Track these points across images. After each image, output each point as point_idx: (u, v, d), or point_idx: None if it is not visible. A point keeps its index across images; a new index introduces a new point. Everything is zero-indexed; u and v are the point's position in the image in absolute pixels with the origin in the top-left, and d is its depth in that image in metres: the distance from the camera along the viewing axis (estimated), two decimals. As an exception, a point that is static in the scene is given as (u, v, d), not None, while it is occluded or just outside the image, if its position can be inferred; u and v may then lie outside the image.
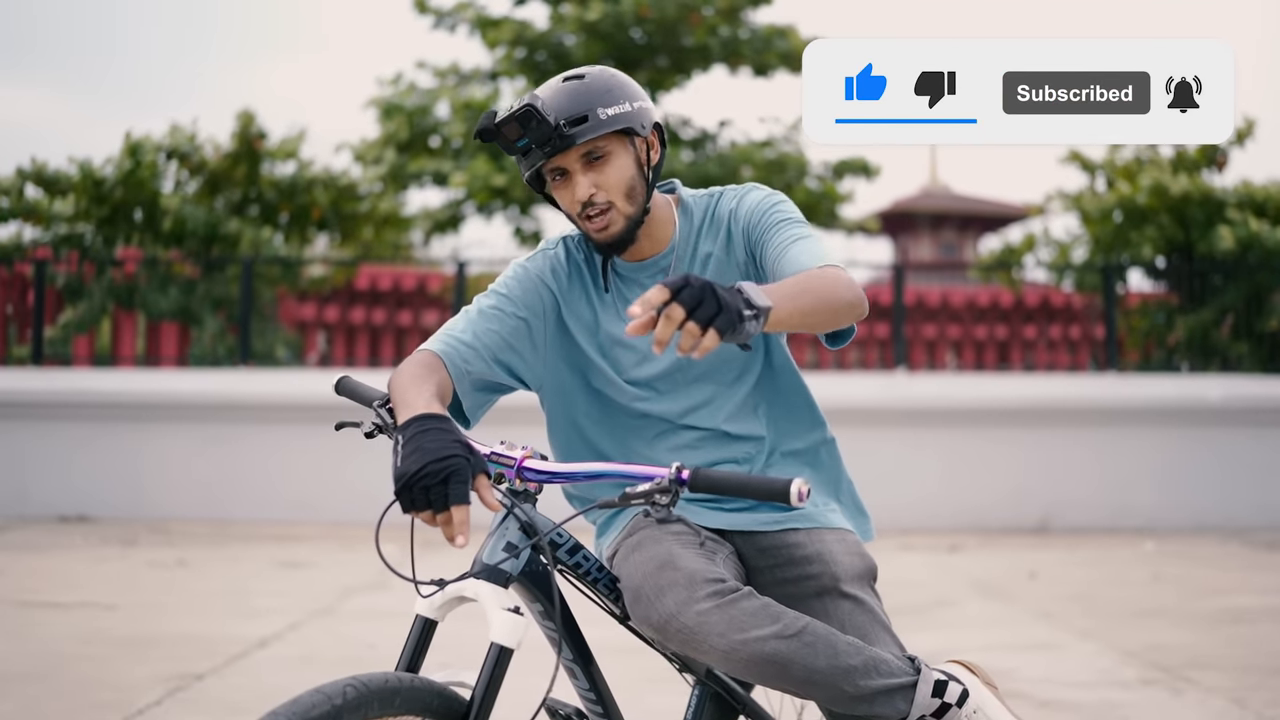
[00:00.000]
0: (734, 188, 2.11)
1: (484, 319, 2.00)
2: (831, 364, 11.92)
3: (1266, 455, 9.54)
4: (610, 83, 1.96)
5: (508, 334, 2.00)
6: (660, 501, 1.64)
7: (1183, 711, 3.76)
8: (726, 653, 1.80)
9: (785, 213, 2.01)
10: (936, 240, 34.70)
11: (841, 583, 2.04)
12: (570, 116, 1.90)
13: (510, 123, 1.88)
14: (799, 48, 14.95)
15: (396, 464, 1.61)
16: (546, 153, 1.91)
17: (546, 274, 2.07)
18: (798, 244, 1.95)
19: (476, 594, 1.69)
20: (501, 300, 2.03)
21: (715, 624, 1.80)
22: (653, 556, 1.90)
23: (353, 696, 1.49)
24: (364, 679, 1.52)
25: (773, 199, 2.04)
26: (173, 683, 3.96)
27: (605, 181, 1.94)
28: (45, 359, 10.01)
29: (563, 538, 1.87)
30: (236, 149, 10.98)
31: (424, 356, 1.94)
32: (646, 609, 1.85)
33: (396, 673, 1.59)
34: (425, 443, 1.61)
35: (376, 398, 1.88)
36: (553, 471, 1.74)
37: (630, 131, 1.95)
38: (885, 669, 1.89)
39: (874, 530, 2.25)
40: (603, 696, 1.95)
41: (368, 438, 1.83)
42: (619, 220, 1.96)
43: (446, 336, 1.98)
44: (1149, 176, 10.61)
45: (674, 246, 2.05)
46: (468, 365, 1.96)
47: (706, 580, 1.84)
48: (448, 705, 1.62)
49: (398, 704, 1.54)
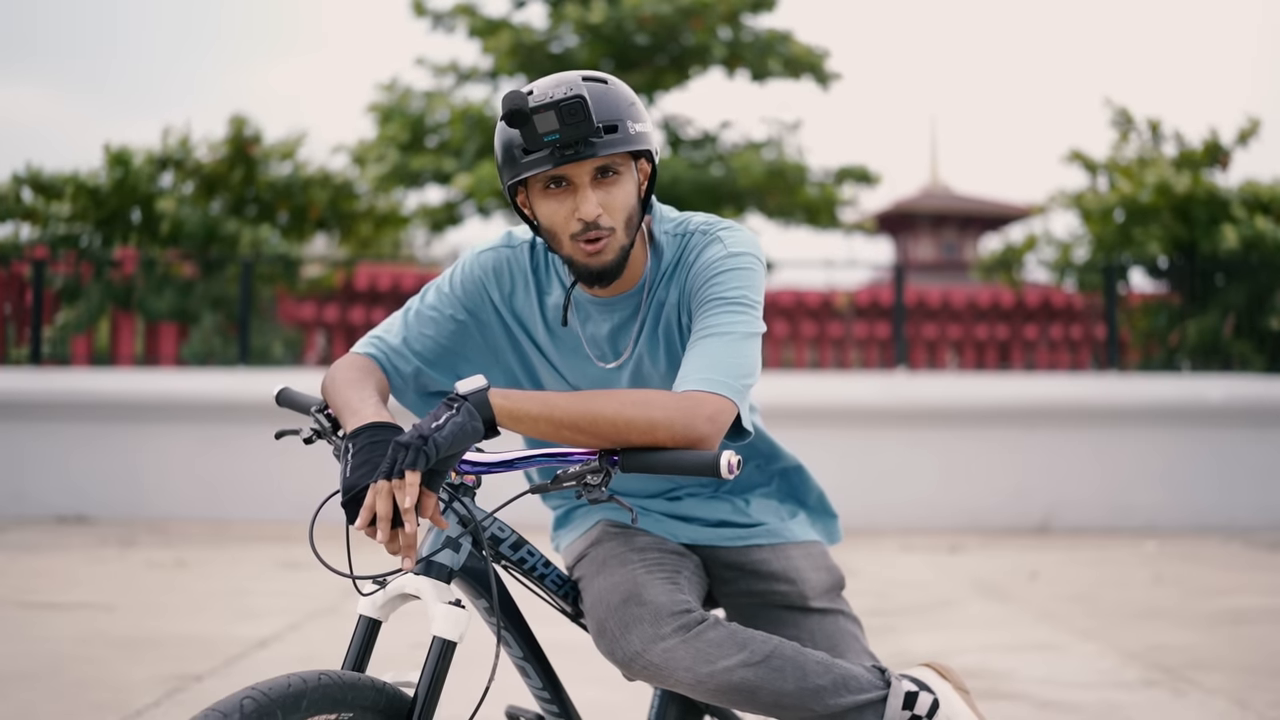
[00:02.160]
0: (702, 230, 1.89)
1: (419, 322, 1.93)
2: (831, 364, 11.91)
3: (1268, 455, 9.53)
4: (632, 96, 1.78)
5: (445, 338, 1.93)
6: (592, 482, 1.62)
7: (1184, 712, 3.75)
8: (694, 685, 1.79)
9: (724, 286, 1.79)
10: (937, 240, 34.71)
11: (810, 599, 2.04)
12: (605, 122, 1.71)
13: (549, 111, 1.67)
14: (798, 54, 14.97)
15: (345, 473, 1.59)
16: (568, 156, 1.69)
17: (490, 278, 1.93)
18: (705, 342, 1.75)
19: (418, 589, 1.67)
20: (441, 300, 1.93)
21: (682, 658, 1.78)
22: (617, 585, 1.87)
23: (251, 709, 1.42)
24: (304, 675, 1.48)
25: (724, 264, 1.81)
26: (171, 683, 3.94)
27: (612, 203, 1.75)
28: (43, 359, 10.00)
29: (505, 533, 1.84)
30: (230, 153, 10.97)
31: (357, 359, 1.89)
32: (611, 644, 1.83)
33: (302, 673, 1.50)
34: (376, 455, 1.58)
35: (314, 404, 1.83)
36: (488, 462, 1.70)
37: (642, 154, 1.80)
38: (855, 685, 1.86)
39: (841, 531, 2.22)
40: (558, 694, 1.93)
41: (306, 443, 1.78)
42: (615, 248, 1.77)
43: (378, 340, 1.93)
44: (1153, 174, 10.59)
45: (644, 284, 1.89)
46: (400, 372, 1.91)
47: (672, 614, 1.81)
48: (392, 703, 1.59)
49: (305, 707, 1.47)
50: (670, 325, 1.90)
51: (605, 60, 14.73)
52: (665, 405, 1.64)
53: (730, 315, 1.77)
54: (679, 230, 1.91)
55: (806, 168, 15.06)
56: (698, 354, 1.74)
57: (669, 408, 1.64)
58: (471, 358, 1.96)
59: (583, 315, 1.92)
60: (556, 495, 2.13)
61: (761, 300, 1.83)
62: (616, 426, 1.62)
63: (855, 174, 15.56)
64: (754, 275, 1.82)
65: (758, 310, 1.81)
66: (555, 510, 2.16)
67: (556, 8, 15.06)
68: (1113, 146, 11.62)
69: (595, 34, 14.58)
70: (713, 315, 1.78)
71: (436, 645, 1.64)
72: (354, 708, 1.53)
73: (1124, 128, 11.53)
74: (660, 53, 15.04)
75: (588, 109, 1.66)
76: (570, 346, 1.93)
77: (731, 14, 14.63)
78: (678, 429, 1.63)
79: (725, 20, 14.63)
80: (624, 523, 2.02)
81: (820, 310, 11.94)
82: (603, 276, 1.79)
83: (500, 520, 1.81)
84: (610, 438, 1.62)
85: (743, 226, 1.90)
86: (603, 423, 1.62)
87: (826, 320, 11.98)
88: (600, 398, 1.65)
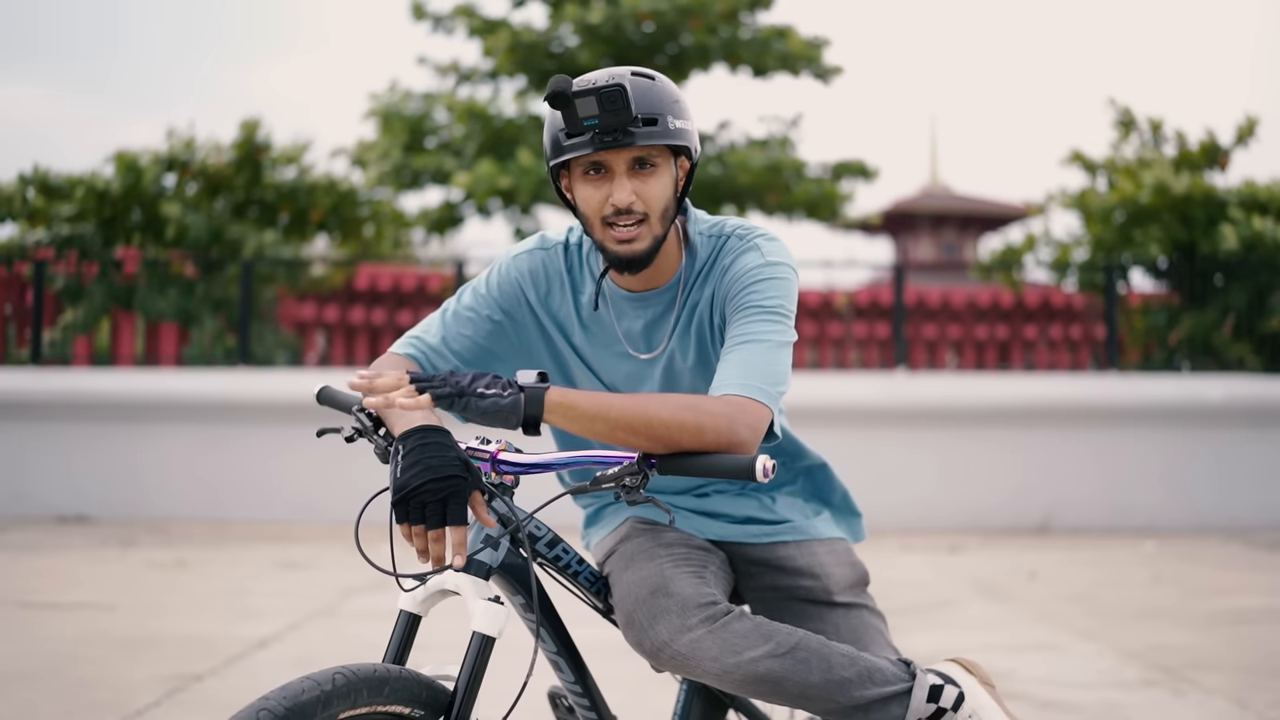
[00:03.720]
0: (739, 235, 1.94)
1: (457, 322, 1.97)
2: (831, 364, 11.91)
3: (1267, 455, 9.53)
4: (678, 94, 1.84)
5: (482, 338, 1.97)
6: (630, 484, 1.65)
7: (1184, 712, 3.75)
8: (720, 675, 1.81)
9: (761, 295, 1.85)
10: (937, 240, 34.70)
11: (834, 594, 2.07)
12: (645, 114, 1.78)
13: (590, 96, 1.74)
14: (797, 50, 14.97)
15: (396, 474, 1.62)
16: (607, 143, 1.76)
17: (526, 280, 1.98)
18: (742, 349, 1.80)
19: (457, 586, 1.72)
20: (478, 301, 1.98)
21: (709, 649, 1.80)
22: (645, 579, 1.90)
23: (341, 684, 1.51)
24: (353, 668, 1.55)
25: (761, 272, 1.87)
26: (171, 683, 3.95)
27: (648, 193, 1.81)
28: (44, 359, 10.00)
29: (541, 531, 1.88)
30: (239, 156, 10.97)
31: (398, 359, 1.94)
32: (639, 635, 1.86)
33: (384, 663, 1.61)
34: (427, 457, 1.61)
35: (355, 402, 1.85)
36: (527, 463, 1.74)
37: (681, 150, 1.85)
38: (880, 677, 1.88)
39: (865, 529, 2.26)
40: (589, 690, 1.96)
41: (348, 442, 1.81)
42: (647, 237, 1.83)
43: (417, 340, 1.97)
44: (1153, 175, 10.60)
45: (678, 281, 1.94)
46: (437, 371, 1.94)
47: (699, 605, 1.84)
48: (434, 696, 1.64)
49: (386, 693, 1.56)
50: (703, 324, 1.94)
51: (605, 60, 14.73)
52: (713, 410, 1.70)
53: (767, 324, 1.83)
54: (714, 232, 1.96)
55: (804, 164, 15.06)
56: (736, 360, 1.79)
57: (716, 413, 1.69)
58: (506, 357, 2.00)
59: (617, 310, 1.96)
60: (590, 494, 2.16)
61: (794, 310, 1.89)
62: (670, 429, 1.66)
63: (853, 169, 15.55)
64: (789, 285, 1.88)
65: (791, 320, 1.86)
66: (585, 509, 2.19)
67: (556, 8, 15.06)
68: (1112, 147, 11.62)
69: (594, 34, 14.59)
70: (750, 323, 1.83)
71: (476, 640, 1.68)
72: (399, 700, 1.59)
73: (1126, 127, 11.53)
74: (659, 52, 15.05)
75: (627, 98, 1.73)
76: (604, 342, 1.98)
77: (730, 12, 14.64)
78: (723, 433, 1.68)
79: (724, 19, 14.64)
80: (652, 519, 2.06)
81: (820, 310, 11.95)
82: (633, 264, 1.85)
83: (537, 519, 1.84)
84: (662, 439, 1.66)
85: (777, 235, 1.94)
86: (657, 424, 1.66)
87: (826, 320, 11.99)
88: (654, 400, 1.69)
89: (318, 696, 1.49)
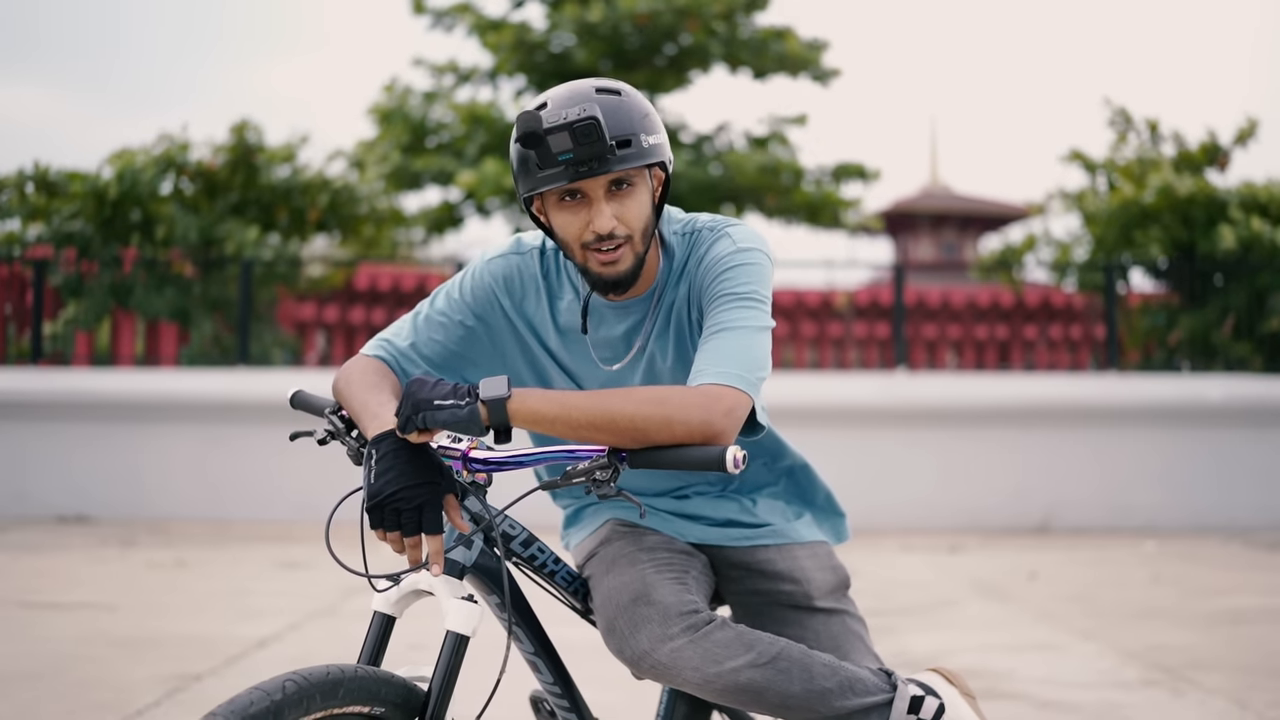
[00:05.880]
0: (710, 227, 1.91)
1: (429, 327, 1.94)
2: (831, 364, 11.92)
3: (1267, 455, 9.53)
4: (646, 107, 1.79)
5: (454, 344, 1.94)
6: (600, 478, 1.63)
7: (1184, 712, 3.75)
8: (701, 685, 1.80)
9: (735, 281, 1.82)
10: (937, 240, 34.71)
11: (815, 599, 2.06)
12: (618, 138, 1.72)
13: (563, 132, 1.68)
14: (796, 52, 14.98)
15: (370, 479, 1.62)
16: (583, 173, 1.71)
17: (500, 285, 1.94)
18: (718, 337, 1.76)
19: (431, 586, 1.72)
20: (451, 305, 1.95)
21: (690, 659, 1.79)
22: (626, 585, 1.89)
23: (292, 691, 1.50)
24: (304, 673, 1.53)
25: (733, 259, 1.84)
26: (171, 683, 3.95)
27: (628, 215, 1.77)
28: (45, 357, 10.00)
29: (516, 530, 1.87)
30: (232, 158, 10.96)
31: (369, 362, 1.91)
32: (620, 643, 1.85)
33: (338, 665, 1.58)
34: (401, 462, 1.61)
35: (327, 405, 1.85)
36: (498, 460, 1.72)
37: (656, 164, 1.80)
38: (860, 688, 1.87)
39: (849, 530, 2.24)
40: (569, 691, 1.95)
41: (320, 444, 1.81)
42: (629, 257, 1.80)
43: (386, 344, 1.94)
44: (1156, 177, 10.61)
45: (656, 288, 1.91)
46: (407, 375, 1.92)
47: (680, 614, 1.83)
48: (404, 695, 1.64)
49: (341, 695, 1.55)
50: (681, 321, 1.92)
51: (603, 60, 14.74)
52: (682, 401, 1.66)
53: (741, 310, 1.79)
54: (687, 229, 1.93)
55: (802, 166, 15.06)
56: (711, 349, 1.75)
57: (686, 404, 1.65)
58: (479, 362, 1.97)
59: (596, 319, 1.93)
60: (566, 494, 2.15)
61: (770, 295, 1.85)
62: (634, 422, 1.63)
63: (852, 171, 15.55)
64: (763, 270, 1.84)
65: (767, 305, 1.83)
66: (565, 509, 2.18)
67: (555, 8, 15.06)
68: (1111, 147, 11.63)
69: (592, 34, 14.59)
70: (724, 310, 1.79)
71: (450, 640, 1.68)
72: (356, 700, 1.58)
73: (1122, 128, 11.54)
74: (658, 53, 15.05)
75: (601, 129, 1.68)
76: (582, 350, 1.95)
77: (726, 12, 14.64)
78: (695, 424, 1.64)
79: (721, 19, 14.64)
80: (633, 521, 2.04)
81: (820, 310, 11.95)
82: (618, 285, 1.82)
83: (511, 518, 1.83)
84: (628, 434, 1.63)
85: (747, 224, 1.91)
86: (621, 420, 1.63)
87: (826, 320, 11.99)
88: (616, 396, 1.66)
89: (267, 707, 1.47)
